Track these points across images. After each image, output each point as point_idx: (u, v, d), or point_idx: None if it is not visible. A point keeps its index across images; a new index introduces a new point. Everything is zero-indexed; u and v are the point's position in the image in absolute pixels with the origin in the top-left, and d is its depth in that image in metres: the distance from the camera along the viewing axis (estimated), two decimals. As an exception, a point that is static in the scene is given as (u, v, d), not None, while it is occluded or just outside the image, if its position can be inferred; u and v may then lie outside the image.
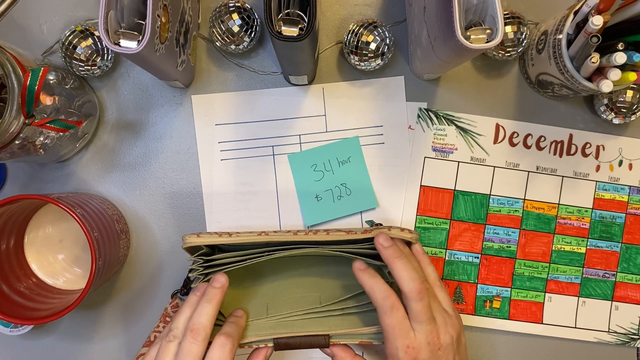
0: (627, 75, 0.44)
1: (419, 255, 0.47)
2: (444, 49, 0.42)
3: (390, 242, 0.45)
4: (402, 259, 0.44)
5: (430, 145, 0.55)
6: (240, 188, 0.55)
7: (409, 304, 0.43)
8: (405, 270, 0.43)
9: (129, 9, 0.41)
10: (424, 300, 0.42)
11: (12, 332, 0.53)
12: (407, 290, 0.42)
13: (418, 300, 0.42)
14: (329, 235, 0.46)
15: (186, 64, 0.51)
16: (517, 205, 0.56)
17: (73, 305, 0.45)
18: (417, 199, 0.55)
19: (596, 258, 0.56)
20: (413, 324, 0.42)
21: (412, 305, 0.42)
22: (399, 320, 0.42)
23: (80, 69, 0.52)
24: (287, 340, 0.45)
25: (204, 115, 0.55)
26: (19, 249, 0.53)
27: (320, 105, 0.55)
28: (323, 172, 0.55)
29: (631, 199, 0.56)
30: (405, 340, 0.42)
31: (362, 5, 0.56)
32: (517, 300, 0.56)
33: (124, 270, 0.55)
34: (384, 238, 0.45)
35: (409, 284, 0.42)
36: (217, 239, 0.46)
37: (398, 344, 0.42)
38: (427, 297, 0.43)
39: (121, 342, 0.55)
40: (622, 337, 0.56)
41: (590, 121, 0.56)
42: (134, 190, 0.55)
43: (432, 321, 0.43)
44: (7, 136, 0.41)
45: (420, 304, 0.42)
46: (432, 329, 0.42)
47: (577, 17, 0.45)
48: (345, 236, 0.46)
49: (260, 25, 0.53)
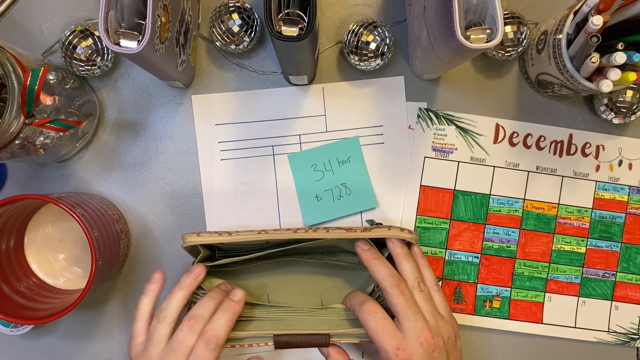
0: (627, 75, 0.44)
1: (417, 257, 0.47)
2: (444, 49, 0.42)
3: (368, 245, 0.47)
4: (381, 260, 0.45)
5: (430, 145, 0.55)
6: (240, 188, 0.55)
7: (391, 300, 0.42)
8: (382, 267, 0.44)
9: (129, 9, 0.41)
10: (405, 294, 0.42)
11: (12, 332, 0.53)
12: (386, 286, 0.43)
13: (399, 294, 0.42)
14: (329, 233, 0.46)
15: (186, 64, 0.51)
16: (517, 205, 0.56)
17: (73, 305, 0.45)
18: (417, 199, 0.55)
19: (596, 258, 0.56)
20: (400, 321, 0.42)
21: (393, 300, 0.42)
22: (379, 322, 0.42)
23: (80, 69, 0.52)
24: (287, 339, 0.45)
25: (204, 115, 0.55)
26: (19, 249, 0.53)
27: (320, 105, 0.55)
28: (323, 172, 0.55)
29: (631, 198, 0.56)
30: (392, 341, 0.41)
31: (362, 5, 0.56)
32: (517, 300, 0.56)
33: (124, 270, 0.55)
34: (363, 242, 0.47)
35: (387, 280, 0.43)
36: (217, 238, 0.46)
37: (386, 346, 0.41)
38: (407, 291, 0.43)
39: (121, 342, 0.55)
40: (622, 337, 0.56)
41: (590, 121, 0.56)
42: (134, 190, 0.55)
43: (420, 317, 0.42)
44: (7, 136, 0.41)
45: (401, 298, 0.42)
46: (423, 328, 0.41)
47: (577, 17, 0.45)
48: (345, 234, 0.46)
49: (260, 25, 0.53)
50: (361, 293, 0.46)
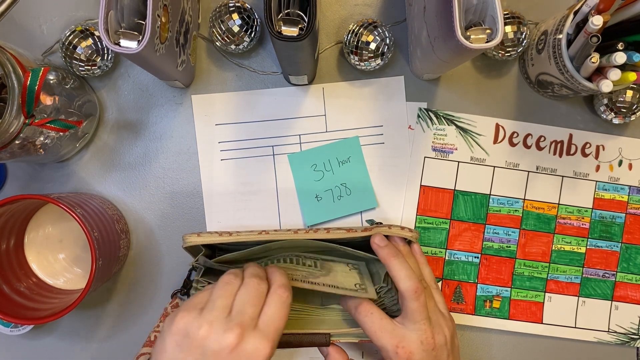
0: (627, 75, 0.44)
1: (417, 256, 0.47)
2: (444, 49, 0.42)
3: (385, 241, 0.45)
4: (399, 258, 0.44)
5: (430, 145, 0.55)
6: (240, 188, 0.55)
7: (405, 303, 0.42)
8: (402, 269, 0.43)
9: (129, 9, 0.41)
10: (420, 299, 0.42)
11: (12, 332, 0.53)
12: (403, 289, 0.42)
13: (414, 299, 0.42)
14: (329, 233, 0.46)
15: (186, 64, 0.51)
16: (517, 205, 0.56)
17: (73, 305, 0.45)
18: (417, 199, 0.55)
19: (596, 258, 0.56)
20: (407, 323, 0.42)
21: (408, 304, 0.42)
22: (375, 322, 0.42)
23: (80, 69, 0.52)
24: (288, 338, 0.45)
25: (204, 115, 0.55)
26: (19, 249, 0.53)
27: (320, 105, 0.55)
28: (323, 172, 0.55)
29: (631, 198, 0.56)
30: (392, 339, 0.41)
31: (362, 5, 0.56)
32: (517, 300, 0.56)
33: (124, 270, 0.55)
34: (379, 238, 0.45)
35: (406, 283, 0.42)
36: (217, 238, 0.46)
37: (386, 345, 0.41)
38: (423, 296, 0.43)
39: (121, 342, 0.55)
40: (622, 337, 0.56)
41: (590, 121, 0.56)
42: (134, 190, 0.55)
43: (427, 321, 0.42)
44: (7, 136, 0.41)
45: (417, 303, 0.42)
46: (426, 329, 0.42)
47: (577, 17, 0.45)
48: (346, 234, 0.46)
49: (260, 25, 0.53)
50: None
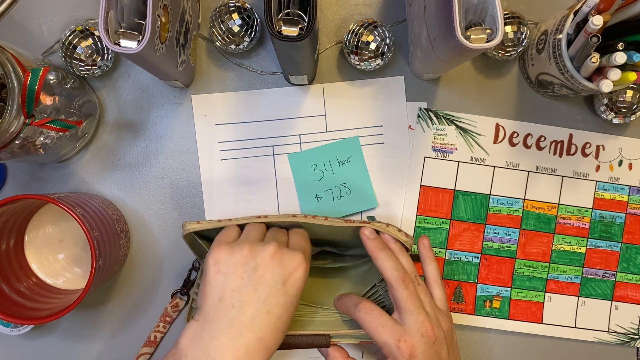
0: (627, 75, 0.44)
1: (424, 250, 0.47)
2: (444, 49, 0.42)
3: (375, 234, 0.46)
4: (386, 251, 0.44)
5: (430, 145, 0.55)
6: (240, 188, 0.55)
7: (395, 293, 0.42)
8: (388, 260, 0.43)
9: (129, 8, 0.41)
10: (409, 288, 0.42)
11: (12, 332, 0.53)
12: (390, 278, 0.43)
13: (403, 288, 0.42)
14: (327, 220, 0.46)
15: (186, 64, 0.51)
16: (517, 205, 0.56)
17: (73, 305, 0.45)
18: (417, 199, 0.55)
19: (596, 258, 0.56)
20: (403, 315, 0.42)
21: (398, 294, 0.42)
22: (376, 318, 0.42)
23: (80, 68, 0.52)
24: (288, 339, 0.45)
25: (204, 115, 0.55)
26: (19, 249, 0.53)
27: (320, 105, 0.55)
28: (323, 172, 0.55)
29: (631, 198, 0.56)
30: (393, 334, 0.41)
31: (362, 5, 0.56)
32: (517, 300, 0.56)
33: (124, 270, 0.55)
34: (369, 231, 0.46)
35: (392, 273, 0.43)
36: (217, 224, 0.46)
37: (387, 340, 0.41)
38: (412, 284, 0.43)
39: (121, 342, 0.55)
40: (622, 336, 0.56)
41: (590, 121, 0.56)
42: (134, 190, 0.55)
43: (422, 311, 0.42)
44: (7, 136, 0.41)
45: (406, 292, 0.42)
46: (424, 320, 0.42)
47: (577, 17, 0.45)
48: (343, 223, 0.46)
49: (260, 25, 0.53)
50: (353, 295, 0.46)
